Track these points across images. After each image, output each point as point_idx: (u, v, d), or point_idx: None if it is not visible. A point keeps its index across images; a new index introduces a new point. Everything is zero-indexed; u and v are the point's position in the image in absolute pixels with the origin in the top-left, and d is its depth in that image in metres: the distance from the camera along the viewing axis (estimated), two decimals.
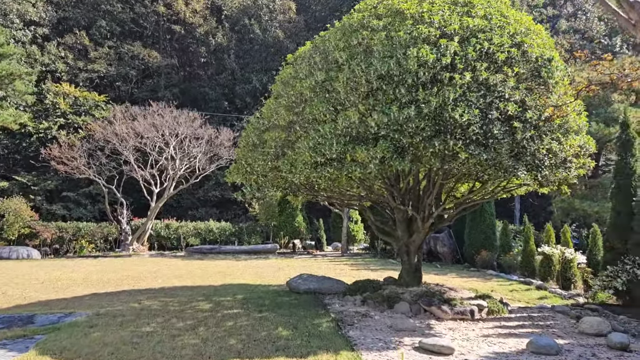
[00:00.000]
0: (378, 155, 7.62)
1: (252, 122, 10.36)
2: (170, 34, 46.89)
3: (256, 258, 22.26)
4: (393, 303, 9.91)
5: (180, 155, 24.74)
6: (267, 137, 9.40)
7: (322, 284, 11.61)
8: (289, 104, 9.04)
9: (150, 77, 45.16)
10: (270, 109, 9.76)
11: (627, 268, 9.87)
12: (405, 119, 7.60)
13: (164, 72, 44.83)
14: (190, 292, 11.48)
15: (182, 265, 17.94)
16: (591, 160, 9.10)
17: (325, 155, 7.95)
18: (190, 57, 48.00)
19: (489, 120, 7.76)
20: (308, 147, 8.08)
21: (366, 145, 7.77)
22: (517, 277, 16.67)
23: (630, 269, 9.82)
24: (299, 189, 10.47)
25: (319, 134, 8.01)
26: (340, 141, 7.88)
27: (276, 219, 27.19)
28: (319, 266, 18.86)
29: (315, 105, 8.36)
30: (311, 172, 8.12)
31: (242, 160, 10.11)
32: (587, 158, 9.07)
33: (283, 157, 9.12)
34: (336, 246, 28.71)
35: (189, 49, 47.50)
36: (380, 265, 19.86)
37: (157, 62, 42.57)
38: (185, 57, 47.83)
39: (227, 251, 24.14)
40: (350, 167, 7.79)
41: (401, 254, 11.14)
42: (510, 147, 7.89)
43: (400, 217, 10.95)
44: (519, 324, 9.30)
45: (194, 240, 25.24)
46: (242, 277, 14.79)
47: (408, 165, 7.67)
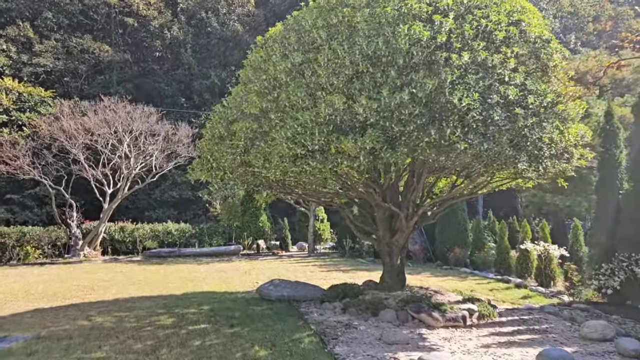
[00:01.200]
0: (367, 146, 6.67)
1: (217, 111, 9.21)
2: (122, 27, 44.62)
3: (219, 261, 21.00)
4: (377, 310, 9.00)
5: (135, 153, 23.12)
6: (236, 128, 8.29)
7: (296, 290, 10.60)
8: (260, 90, 7.98)
9: (101, 72, 42.83)
10: (239, 96, 8.66)
11: (624, 265, 9.29)
12: (397, 104, 6.68)
13: (116, 67, 42.62)
14: (149, 304, 10.23)
15: (138, 272, 16.53)
16: (589, 152, 8.44)
17: (305, 146, 6.94)
18: (145, 52, 45.90)
19: (489, 105, 6.94)
20: (285, 138, 7.04)
21: (353, 135, 6.80)
22: (493, 275, 16.12)
23: (627, 266, 9.24)
24: (271, 186, 9.41)
25: (298, 123, 6.99)
26: (323, 130, 6.88)
27: (239, 219, 25.92)
28: (287, 268, 17.82)
29: (293, 90, 7.34)
30: (289, 166, 7.09)
31: (206, 155, 8.95)
32: (586, 149, 8.41)
33: (255, 150, 8.05)
34: (301, 246, 27.70)
35: (143, 43, 45.39)
36: (350, 266, 19.01)
37: (108, 56, 40.37)
38: (139, 51, 45.67)
39: (188, 254, 22.74)
40: (335, 160, 6.81)
41: (383, 255, 10.25)
42: (511, 135, 7.09)
43: (382, 215, 10.06)
44: (514, 329, 8.57)
45: (151, 244, 23.67)
46: (206, 284, 13.59)
47: (402, 157, 6.75)
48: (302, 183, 9.19)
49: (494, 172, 8.07)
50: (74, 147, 22.15)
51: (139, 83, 41.39)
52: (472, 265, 18.25)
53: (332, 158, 6.83)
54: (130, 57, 44.18)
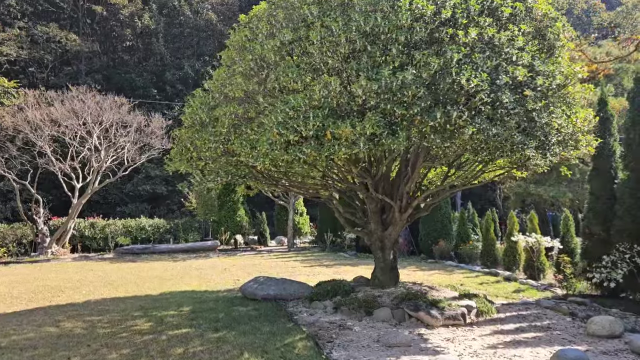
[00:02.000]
0: (367, 131, 6.06)
1: (198, 95, 8.45)
2: (90, 16, 43.00)
3: (195, 257, 20.20)
4: (371, 309, 8.44)
5: (106, 145, 22.05)
6: (218, 114, 7.57)
7: (283, 288, 9.96)
8: (246, 71, 7.28)
9: (69, 63, 41.24)
10: (221, 78, 7.93)
11: (626, 257, 8.93)
12: (399, 85, 6.08)
13: (84, 57, 41.09)
14: (124, 306, 9.46)
15: (111, 270, 15.64)
16: (595, 138, 8.01)
17: (299, 132, 6.29)
18: (114, 41, 44.39)
19: (497, 87, 6.40)
20: (276, 123, 6.38)
21: (351, 120, 6.18)
22: (479, 268, 15.78)
23: (629, 258, 8.88)
24: (257, 177, 8.72)
25: (290, 106, 6.33)
26: (318, 114, 6.24)
27: (216, 214, 25.10)
28: (268, 264, 17.16)
29: (283, 71, 6.67)
30: (280, 154, 6.42)
31: (186, 144, 8.19)
32: (591, 135, 7.97)
33: (240, 137, 7.35)
34: (280, 240, 27.07)
35: (112, 33, 43.87)
36: (332, 260, 18.46)
37: (76, 45, 38.79)
38: (109, 41, 44.14)
39: (163, 251, 21.84)
40: (332, 147, 6.17)
41: (374, 250, 9.69)
42: (520, 119, 6.58)
43: (373, 207, 9.49)
44: (516, 326, 8.12)
45: (123, 240, 22.68)
46: (184, 282, 12.84)
47: (404, 143, 6.16)
48: (291, 173, 8.54)
49: (492, 160, 7.55)
50: (39, 139, 20.97)
51: (108, 74, 39.93)
52: (457, 258, 17.89)
53: (329, 145, 6.20)
54: (99, 47, 42.65)
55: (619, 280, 9.09)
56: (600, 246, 10.69)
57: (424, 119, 6.17)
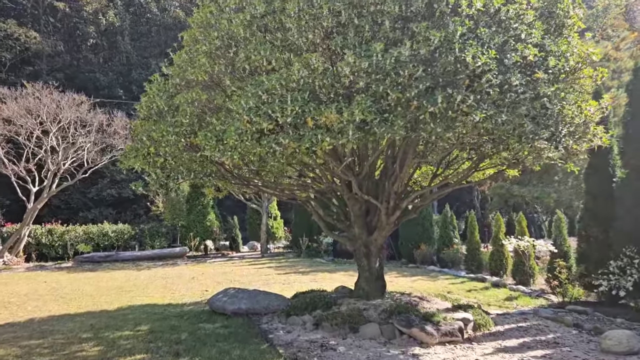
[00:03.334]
0: (357, 117, 5.06)
1: (156, 81, 7.31)
2: (52, 13, 41.01)
3: (162, 265, 18.87)
4: (357, 325, 7.43)
5: (64, 145, 20.52)
6: (179, 101, 6.46)
7: (256, 300, 8.86)
8: (211, 51, 6.19)
9: (30, 62, 39.15)
10: (183, 61, 6.82)
11: (635, 263, 8.14)
12: (393, 63, 5.10)
13: (46, 55, 39.09)
14: (72, 325, 8.21)
15: (66, 282, 14.25)
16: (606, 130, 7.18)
17: (273, 119, 5.24)
18: (78, 40, 42.45)
19: (505, 67, 5.49)
20: (246, 109, 5.32)
21: (337, 104, 5.17)
22: (464, 273, 14.98)
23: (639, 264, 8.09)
24: (225, 176, 7.62)
25: (264, 88, 5.28)
26: (297, 98, 5.21)
27: (184, 218, 23.75)
28: (239, 272, 16.00)
29: (255, 49, 5.61)
30: (252, 146, 5.36)
31: (142, 137, 7.03)
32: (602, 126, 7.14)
33: (205, 128, 6.26)
34: (253, 245, 25.88)
35: (76, 30, 41.93)
36: (309, 267, 17.43)
37: (37, 43, 36.85)
38: (72, 39, 42.17)
39: (127, 258, 20.42)
40: (314, 137, 5.14)
41: (358, 257, 8.69)
42: (531, 106, 5.67)
43: (357, 209, 8.49)
44: (519, 342, 7.22)
45: (84, 247, 21.15)
46: (146, 294, 11.60)
47: (400, 132, 5.18)
48: (265, 172, 7.48)
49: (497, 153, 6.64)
50: None
51: (71, 73, 38.02)
52: (439, 262, 17.07)
53: (310, 134, 5.16)
54: (61, 44, 40.70)
55: (629, 288, 8.27)
56: (599, 249, 9.94)
57: (422, 103, 5.20)
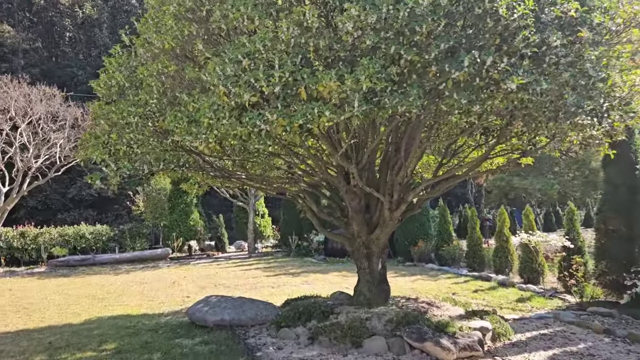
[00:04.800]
0: (363, 85, 3.97)
1: (115, 54, 6.15)
2: (27, 5, 39.42)
3: (142, 268, 17.66)
4: (359, 338, 6.35)
5: (35, 142, 19.19)
6: (143, 74, 5.32)
7: (242, 310, 7.75)
8: (179, 12, 5.05)
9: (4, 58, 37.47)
10: (147, 28, 5.67)
11: None
12: (407, 17, 4.02)
13: (21, 49, 37.45)
14: (26, 344, 7.04)
15: (34, 289, 13.00)
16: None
17: (258, 89, 4.13)
18: (54, 33, 40.85)
19: (543, 24, 4.44)
20: (223, 78, 4.20)
21: (337, 70, 4.08)
22: (466, 271, 14.00)
23: None
24: (202, 167, 6.48)
25: (245, 52, 4.17)
26: (287, 62, 4.11)
27: (166, 218, 22.51)
28: (225, 274, 14.87)
29: (233, 4, 4.49)
30: (231, 125, 4.25)
31: (100, 120, 5.87)
32: None
33: (175, 108, 5.14)
34: (240, 245, 24.73)
35: (52, 24, 40.33)
36: (299, 267, 16.36)
37: (11, 37, 35.26)
38: (48, 33, 40.57)
39: (105, 261, 19.15)
40: (309, 111, 4.04)
41: (358, 258, 7.62)
42: (574, 72, 4.63)
43: (356, 204, 7.41)
44: (548, 354, 6.21)
45: (60, 251, 19.81)
46: (120, 302, 10.44)
47: (417, 104, 4.10)
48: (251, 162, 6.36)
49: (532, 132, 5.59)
50: None
51: (48, 68, 36.50)
52: (437, 260, 16.08)
53: (304, 108, 4.06)
54: (37, 39, 39.10)
55: None
56: (622, 244, 9.00)
57: (444, 68, 4.12)
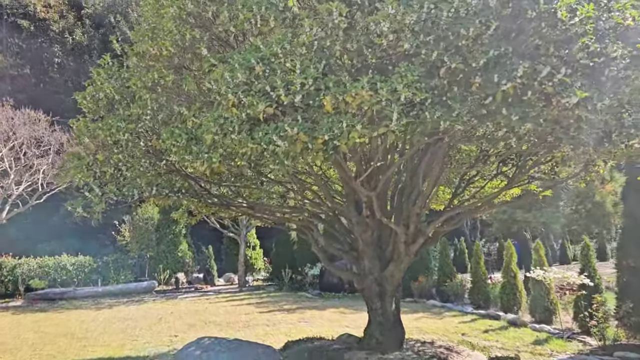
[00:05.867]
0: (402, 95, 3.33)
1: (105, 65, 5.47)
2: (17, 32, 38.90)
3: (127, 302, 16.64)
4: None
5: (17, 167, 18.33)
6: (136, 86, 4.65)
7: (239, 355, 6.91)
8: (179, 15, 4.42)
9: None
10: (142, 34, 5.01)
11: None
12: (452, 18, 3.43)
13: (8, 75, 36.80)
14: None
15: (8, 325, 11.99)
16: None
17: (274, 98, 3.47)
18: (43, 59, 40.27)
19: (600, 32, 3.88)
20: (232, 85, 3.54)
21: (370, 77, 3.44)
22: (471, 309, 13.22)
23: None
24: (199, 194, 5.76)
25: (258, 56, 3.52)
26: (309, 67, 3.46)
27: (153, 249, 21.56)
28: (215, 310, 13.94)
29: (244, 4, 3.86)
30: (242, 140, 3.57)
31: (84, 139, 5.13)
32: None
33: (171, 124, 4.45)
34: (229, 278, 23.73)
35: (41, 50, 39.80)
36: (294, 302, 15.48)
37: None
38: (37, 58, 39.97)
39: (86, 295, 18.09)
40: (335, 124, 3.37)
41: (369, 297, 6.86)
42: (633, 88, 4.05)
43: (368, 237, 6.71)
44: None
45: (38, 283, 18.71)
46: (101, 342, 9.51)
47: (462, 119, 3.46)
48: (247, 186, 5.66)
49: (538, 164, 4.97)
50: None
51: (35, 94, 35.71)
52: (439, 296, 15.28)
53: (330, 121, 3.40)
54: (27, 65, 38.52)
55: None
56: None
57: (492, 78, 3.51)
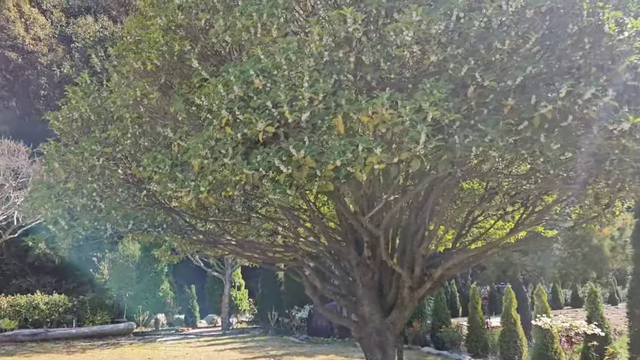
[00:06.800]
0: (429, 114, 2.81)
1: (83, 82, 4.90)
2: (5, 63, 38.50)
3: (101, 345, 15.60)
4: None
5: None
6: (115, 104, 4.08)
7: None
8: (168, 25, 3.89)
9: None
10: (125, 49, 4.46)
11: None
12: (484, 28, 2.96)
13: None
14: None
15: None
16: None
17: (276, 115, 2.92)
18: (30, 91, 39.81)
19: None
20: (226, 100, 2.99)
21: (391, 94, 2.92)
22: (469, 358, 12.49)
23: None
24: (183, 229, 5.12)
25: (258, 67, 3.00)
26: (319, 81, 2.93)
27: (133, 288, 20.50)
28: (197, 356, 13.03)
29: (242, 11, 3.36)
30: (236, 165, 2.99)
31: (54, 164, 4.49)
32: None
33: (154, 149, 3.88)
34: (212, 319, 22.68)
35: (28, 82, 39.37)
36: (280, 347, 14.61)
37: None
38: (23, 90, 39.49)
39: (59, 337, 16.97)
40: (349, 147, 2.82)
41: (368, 347, 6.16)
42: None
43: (368, 280, 6.08)
44: None
45: (8, 324, 17.52)
46: None
47: (496, 146, 2.95)
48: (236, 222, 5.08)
49: None
50: None
51: (19, 125, 35.03)
52: (434, 342, 14.50)
53: (343, 144, 2.85)
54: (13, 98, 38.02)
55: None
56: None
57: (529, 99, 3.01)
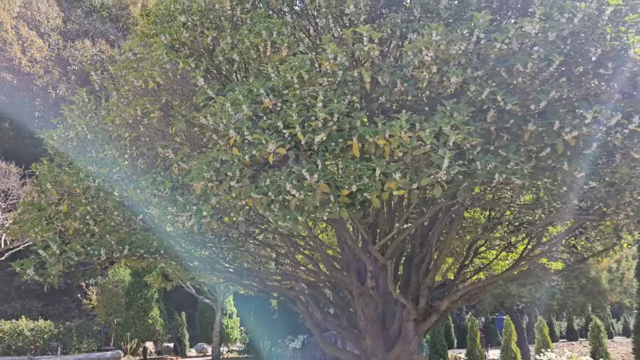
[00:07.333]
0: (451, 138, 2.64)
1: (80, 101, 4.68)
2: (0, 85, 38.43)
3: None
4: None
5: None
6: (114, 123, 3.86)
7: None
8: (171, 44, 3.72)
9: None
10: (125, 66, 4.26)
11: None
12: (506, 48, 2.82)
13: None
14: None
15: None
16: None
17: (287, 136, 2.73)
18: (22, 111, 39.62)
19: None
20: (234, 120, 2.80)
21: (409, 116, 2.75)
22: None
23: None
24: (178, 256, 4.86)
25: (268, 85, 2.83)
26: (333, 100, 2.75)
27: (121, 314, 19.94)
28: None
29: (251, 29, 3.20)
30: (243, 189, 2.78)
31: (47, 185, 4.22)
32: None
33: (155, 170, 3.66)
34: (202, 348, 22.05)
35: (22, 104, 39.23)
36: None
37: None
38: (16, 110, 39.30)
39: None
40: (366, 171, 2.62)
41: None
42: None
43: (371, 312, 5.82)
44: None
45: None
46: None
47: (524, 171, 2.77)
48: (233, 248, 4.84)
49: None
50: None
51: (11, 146, 34.70)
52: None
53: (359, 168, 2.65)
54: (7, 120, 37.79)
55: None
56: None
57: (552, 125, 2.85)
